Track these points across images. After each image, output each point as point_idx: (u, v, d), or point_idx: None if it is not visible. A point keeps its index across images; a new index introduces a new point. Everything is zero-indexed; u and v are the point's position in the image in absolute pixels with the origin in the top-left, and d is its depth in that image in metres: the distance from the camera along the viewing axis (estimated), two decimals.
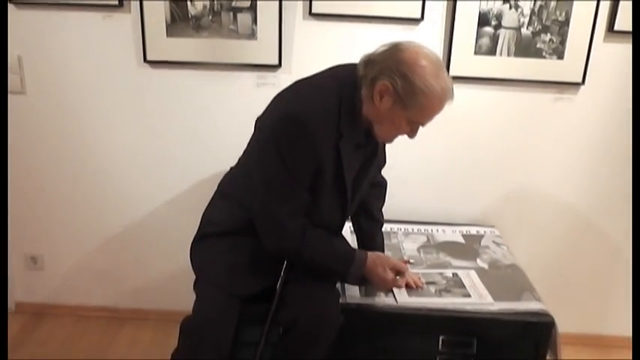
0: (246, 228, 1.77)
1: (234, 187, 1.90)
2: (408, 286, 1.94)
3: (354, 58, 2.37)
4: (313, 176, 1.66)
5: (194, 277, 1.84)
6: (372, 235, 2.07)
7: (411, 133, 1.70)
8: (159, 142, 2.51)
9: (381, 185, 2.10)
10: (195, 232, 1.91)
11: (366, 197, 1.99)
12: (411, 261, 2.11)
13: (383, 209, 2.11)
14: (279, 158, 1.63)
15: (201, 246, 1.87)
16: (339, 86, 1.67)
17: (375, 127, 1.69)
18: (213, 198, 1.96)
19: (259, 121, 1.75)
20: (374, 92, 1.61)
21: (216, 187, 1.97)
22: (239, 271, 1.78)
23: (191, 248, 1.88)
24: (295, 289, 1.78)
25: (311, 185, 1.68)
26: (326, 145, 1.64)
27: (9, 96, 2.44)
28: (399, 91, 1.58)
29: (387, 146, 2.42)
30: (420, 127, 1.71)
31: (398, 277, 1.89)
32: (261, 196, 1.70)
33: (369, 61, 1.63)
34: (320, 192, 1.70)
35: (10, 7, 2.34)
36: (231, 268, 1.78)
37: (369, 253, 1.83)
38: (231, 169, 1.96)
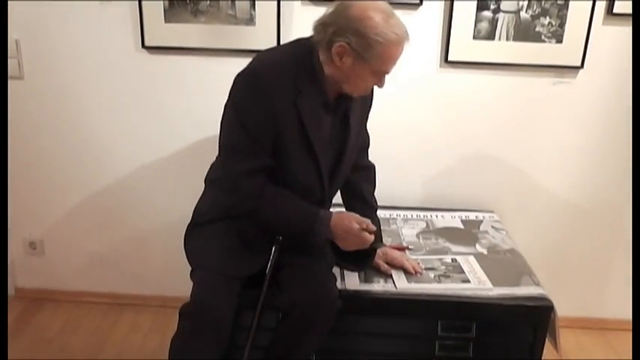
0: (230, 215, 1.81)
1: (215, 171, 1.95)
2: (407, 273, 1.95)
3: None
4: (275, 136, 1.68)
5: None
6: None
7: (379, 83, 1.72)
8: (157, 128, 2.51)
9: (369, 168, 2.11)
10: None
11: (356, 182, 2.01)
12: (410, 247, 2.12)
13: (381, 195, 2.11)
14: (236, 118, 1.68)
15: (192, 235, 1.90)
16: (295, 51, 1.72)
17: (344, 86, 1.71)
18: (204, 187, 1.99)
19: None
20: (332, 55, 1.64)
21: None
22: (230, 254, 1.79)
23: (184, 239, 1.90)
24: (292, 273, 1.80)
25: (276, 147, 1.70)
26: (282, 100, 1.66)
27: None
28: (355, 48, 1.60)
29: (385, 132, 2.45)
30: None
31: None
32: (221, 157, 1.77)
33: (321, 24, 1.66)
34: (287, 153, 1.71)
35: None
36: (223, 251, 1.80)
37: (334, 211, 1.80)
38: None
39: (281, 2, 2.29)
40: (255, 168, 1.70)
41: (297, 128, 1.69)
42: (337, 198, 2.00)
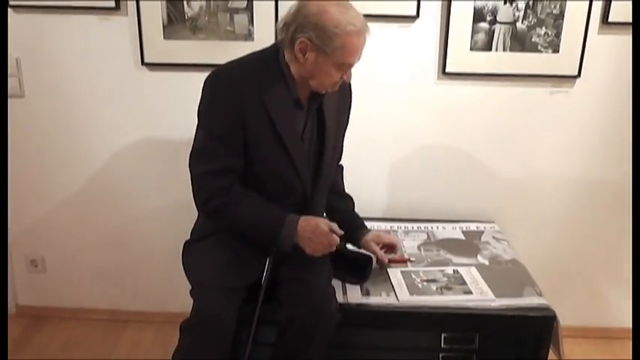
0: (221, 229, 1.84)
1: None
2: (396, 262, 1.93)
3: None
4: (245, 135, 1.71)
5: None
6: (349, 213, 2.08)
7: (345, 76, 1.74)
8: (158, 144, 2.51)
9: (339, 165, 2.12)
10: None
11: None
12: (412, 259, 2.12)
13: (381, 207, 2.12)
14: (202, 121, 1.74)
15: (188, 252, 1.92)
16: (261, 53, 1.79)
17: (311, 82, 1.73)
18: None
19: None
20: (295, 52, 1.67)
21: None
22: (224, 266, 1.80)
23: (181, 257, 1.92)
24: (290, 287, 1.80)
25: (249, 146, 1.72)
26: (248, 99, 1.69)
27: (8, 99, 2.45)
28: (316, 43, 1.64)
29: (384, 144, 2.46)
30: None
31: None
32: (189, 162, 1.78)
33: (283, 24, 1.69)
34: (261, 152, 1.74)
35: (9, 10, 2.34)
36: (217, 265, 1.80)
37: (302, 216, 1.78)
38: None
39: (279, 17, 2.30)
40: (222, 169, 1.73)
41: (267, 126, 1.72)
42: None
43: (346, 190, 2.14)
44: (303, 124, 1.81)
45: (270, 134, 1.73)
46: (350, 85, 1.94)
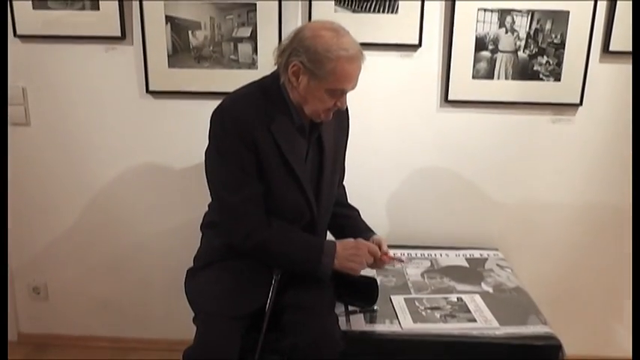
0: (225, 254, 1.85)
1: (208, 214, 2.01)
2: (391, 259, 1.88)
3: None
4: (257, 162, 1.73)
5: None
6: (354, 218, 2.07)
7: (339, 103, 1.74)
8: (162, 172, 2.52)
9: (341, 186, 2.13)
10: None
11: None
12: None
13: (385, 234, 2.11)
14: (218, 155, 1.76)
15: (190, 281, 1.92)
16: (261, 82, 1.81)
17: (305, 108, 1.75)
18: None
19: None
20: (289, 75, 1.70)
21: None
22: (227, 294, 1.80)
23: (184, 285, 1.92)
24: (293, 315, 1.79)
25: (260, 172, 1.74)
26: (256, 127, 1.72)
27: (13, 127, 2.47)
28: (308, 66, 1.66)
29: (387, 172, 2.47)
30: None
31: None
32: (215, 194, 1.80)
33: (280, 50, 1.73)
34: (271, 177, 1.75)
35: (15, 40, 2.38)
36: (219, 293, 1.80)
37: (337, 241, 1.82)
38: None
39: None
40: (251, 195, 1.74)
41: (275, 152, 1.74)
42: None
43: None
44: (306, 150, 1.84)
45: (279, 159, 1.75)
46: (347, 108, 1.95)
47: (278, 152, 1.74)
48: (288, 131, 1.77)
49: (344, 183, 2.14)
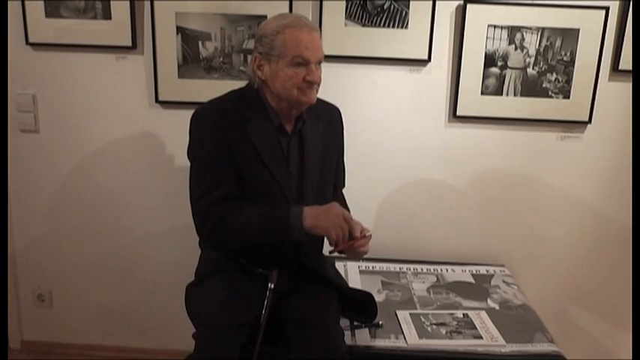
0: (221, 267, 1.88)
1: None
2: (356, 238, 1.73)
3: (360, 98, 2.40)
4: (233, 163, 1.75)
5: None
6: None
7: (308, 76, 1.72)
8: (169, 182, 2.53)
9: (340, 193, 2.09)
10: None
11: None
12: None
13: (391, 248, 2.10)
14: (194, 158, 1.81)
15: (190, 295, 1.93)
16: (238, 89, 1.87)
17: (281, 96, 1.76)
18: None
19: None
20: (256, 71, 1.77)
21: None
22: (224, 304, 1.79)
23: (185, 300, 1.93)
24: (298, 329, 1.78)
25: (238, 174, 1.76)
26: (230, 129, 1.75)
27: (22, 134, 2.49)
28: (264, 52, 1.73)
29: (395, 186, 2.46)
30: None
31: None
32: (190, 199, 1.81)
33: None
34: (250, 180, 1.77)
35: (27, 48, 2.39)
36: (217, 303, 1.80)
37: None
38: None
39: None
40: (223, 195, 1.75)
41: (251, 153, 1.76)
42: None
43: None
44: (287, 149, 1.84)
45: (256, 161, 1.77)
46: (338, 110, 1.98)
47: (256, 154, 1.77)
48: (265, 132, 1.79)
49: (343, 192, 2.10)
